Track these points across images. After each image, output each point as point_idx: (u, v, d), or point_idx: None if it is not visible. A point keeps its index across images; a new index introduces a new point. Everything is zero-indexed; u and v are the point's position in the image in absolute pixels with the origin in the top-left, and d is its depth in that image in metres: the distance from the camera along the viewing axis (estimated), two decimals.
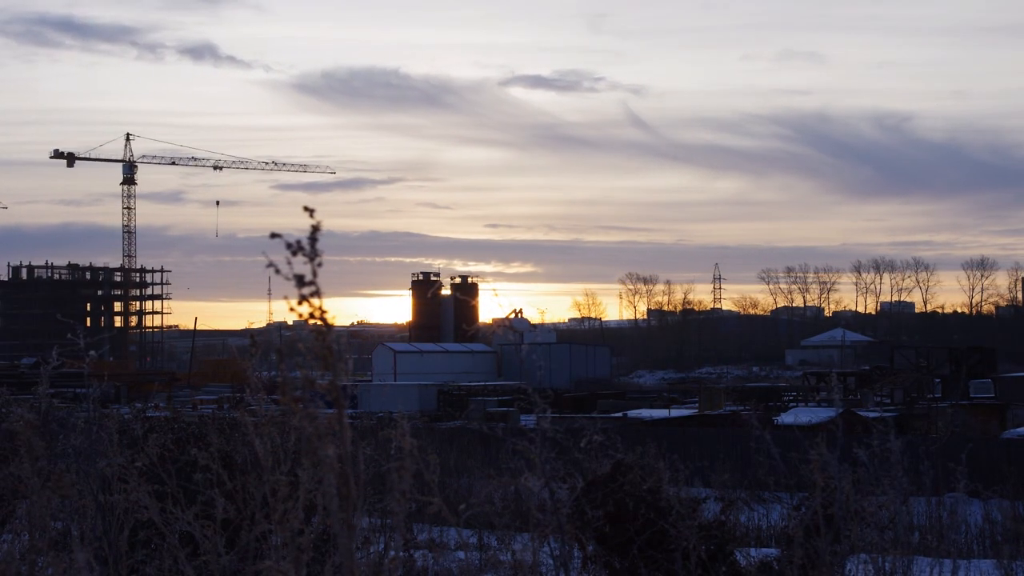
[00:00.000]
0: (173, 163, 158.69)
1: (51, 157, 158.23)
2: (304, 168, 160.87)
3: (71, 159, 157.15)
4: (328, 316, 3.04)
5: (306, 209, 3.03)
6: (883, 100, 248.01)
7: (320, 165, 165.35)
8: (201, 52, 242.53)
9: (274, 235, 3.00)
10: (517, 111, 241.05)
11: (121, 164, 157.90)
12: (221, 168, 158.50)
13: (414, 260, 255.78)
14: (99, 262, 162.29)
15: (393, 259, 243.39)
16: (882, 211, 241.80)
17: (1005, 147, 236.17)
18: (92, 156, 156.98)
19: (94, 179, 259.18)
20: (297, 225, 3.06)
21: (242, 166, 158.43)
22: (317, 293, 3.01)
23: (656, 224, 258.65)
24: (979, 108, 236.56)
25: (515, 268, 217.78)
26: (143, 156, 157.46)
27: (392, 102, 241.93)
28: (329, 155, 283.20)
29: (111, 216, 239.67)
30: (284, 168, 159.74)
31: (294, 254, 2.98)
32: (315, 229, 3.00)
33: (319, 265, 3.00)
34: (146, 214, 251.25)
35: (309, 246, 2.99)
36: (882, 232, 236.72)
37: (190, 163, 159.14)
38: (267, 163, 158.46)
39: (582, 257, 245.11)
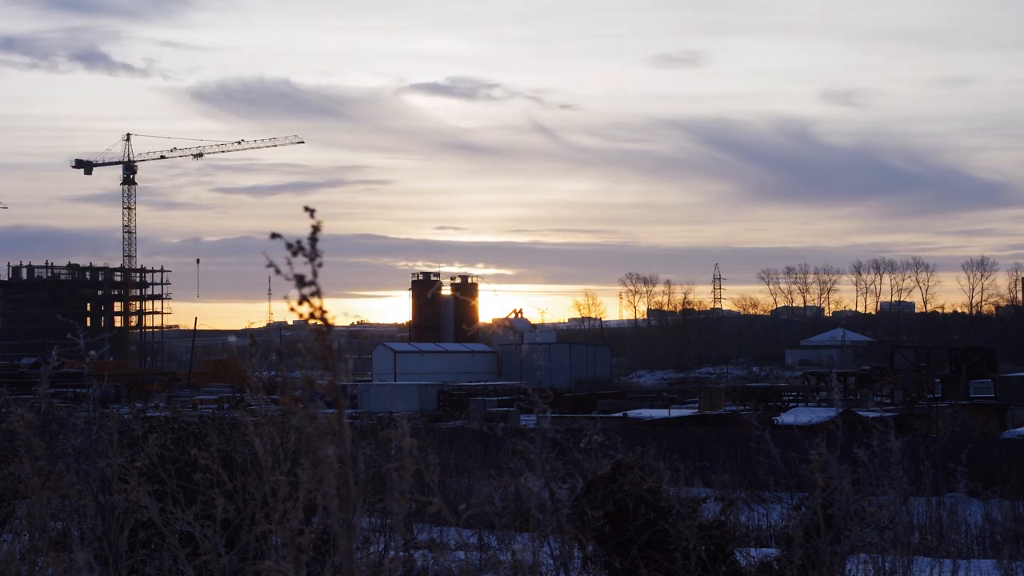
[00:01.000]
0: (162, 157, 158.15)
1: (72, 167, 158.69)
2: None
3: (88, 167, 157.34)
4: (328, 316, 3.04)
5: (306, 209, 3.03)
6: (782, 106, 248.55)
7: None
8: (93, 60, 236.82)
9: (275, 235, 3.00)
10: (420, 119, 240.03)
11: (121, 165, 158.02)
12: (202, 155, 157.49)
13: (380, 262, 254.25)
14: (99, 262, 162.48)
15: (360, 260, 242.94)
16: (807, 215, 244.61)
17: (918, 153, 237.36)
18: (101, 161, 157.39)
19: (89, 180, 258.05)
20: (251, 227, 3.05)
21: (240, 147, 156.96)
22: (317, 293, 3.01)
23: (603, 226, 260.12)
24: (881, 114, 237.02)
25: (479, 269, 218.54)
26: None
27: (290, 111, 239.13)
28: (257, 159, 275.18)
29: (109, 219, 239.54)
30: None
31: (294, 254, 2.99)
32: (315, 229, 3.00)
33: (319, 265, 3.00)
34: (95, 216, 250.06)
35: (309, 246, 2.99)
36: (816, 235, 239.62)
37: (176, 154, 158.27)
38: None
39: (540, 258, 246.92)
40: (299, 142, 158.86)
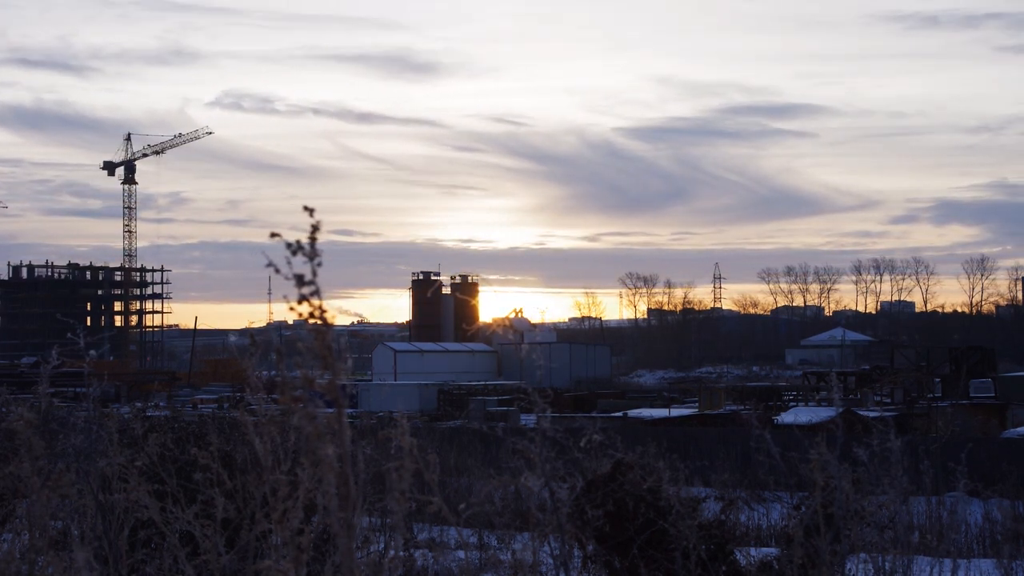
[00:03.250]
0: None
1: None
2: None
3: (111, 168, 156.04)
4: (327, 315, 3.04)
5: (306, 208, 3.03)
6: (576, 116, 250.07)
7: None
8: None
9: (274, 235, 2.99)
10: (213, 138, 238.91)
11: (122, 165, 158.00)
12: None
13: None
14: (99, 262, 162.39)
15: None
16: (641, 221, 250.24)
17: (735, 160, 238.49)
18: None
19: (93, 178, 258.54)
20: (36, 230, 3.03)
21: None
22: (317, 292, 3.01)
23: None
24: (673, 122, 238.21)
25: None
26: None
27: (71, 128, 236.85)
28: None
29: (109, 220, 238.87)
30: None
31: (294, 254, 2.98)
32: (314, 228, 3.00)
33: (319, 265, 3.00)
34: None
35: (309, 246, 2.99)
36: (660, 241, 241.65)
37: None
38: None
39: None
40: None
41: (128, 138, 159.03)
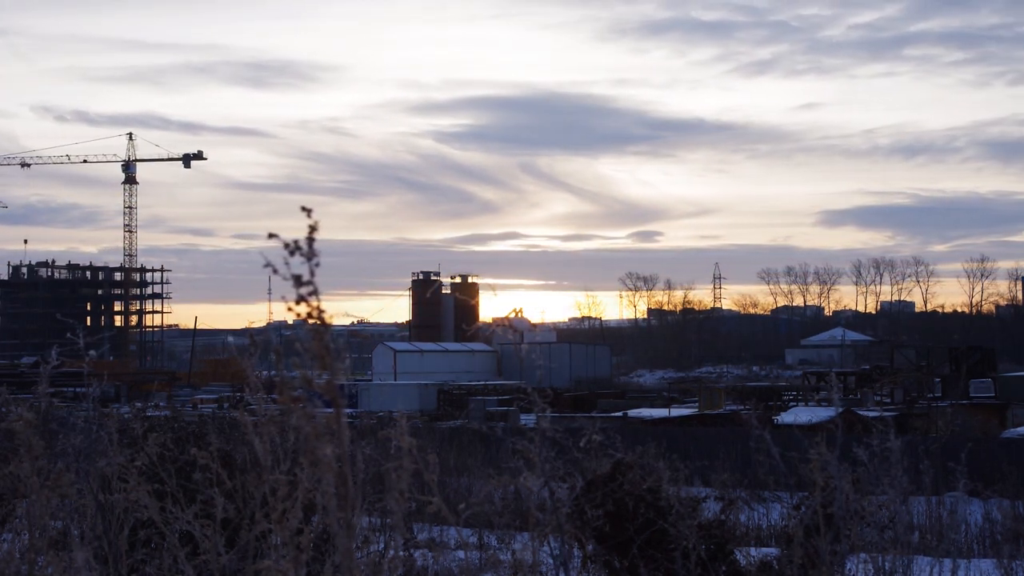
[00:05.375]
0: None
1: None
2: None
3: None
4: (326, 315, 3.04)
5: (303, 209, 3.03)
6: (396, 127, 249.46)
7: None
8: None
9: (272, 235, 2.99)
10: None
11: (121, 163, 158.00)
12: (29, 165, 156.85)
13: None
14: (99, 261, 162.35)
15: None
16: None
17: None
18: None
19: (94, 178, 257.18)
20: None
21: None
22: (315, 292, 3.01)
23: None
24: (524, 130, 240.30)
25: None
26: None
27: None
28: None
29: (109, 219, 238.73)
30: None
31: (292, 254, 2.98)
32: (312, 229, 3.00)
33: (317, 265, 3.00)
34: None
35: (307, 246, 2.99)
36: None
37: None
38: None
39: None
40: None
41: (130, 137, 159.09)
